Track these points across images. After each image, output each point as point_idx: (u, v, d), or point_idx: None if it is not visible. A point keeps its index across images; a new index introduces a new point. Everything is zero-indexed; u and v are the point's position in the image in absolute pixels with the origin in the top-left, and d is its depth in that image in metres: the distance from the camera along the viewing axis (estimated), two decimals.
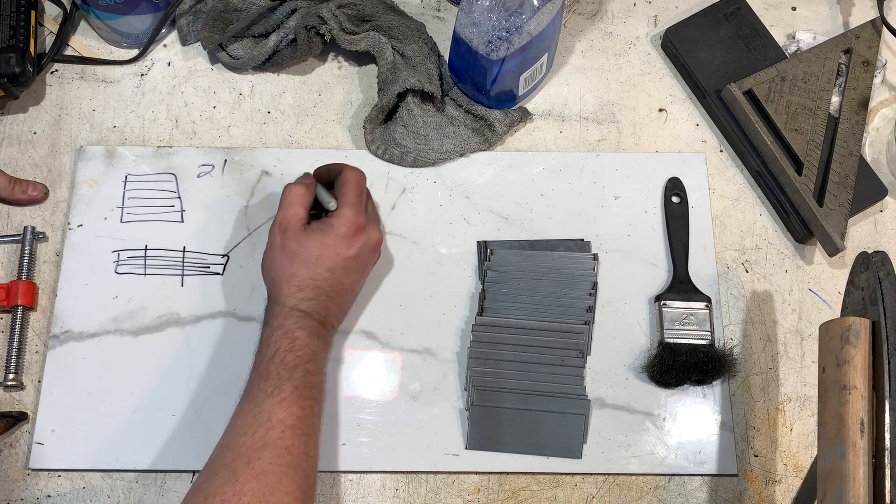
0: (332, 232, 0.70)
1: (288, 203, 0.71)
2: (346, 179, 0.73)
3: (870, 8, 0.90)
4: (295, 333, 0.67)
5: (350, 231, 0.70)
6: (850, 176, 0.80)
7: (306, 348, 0.67)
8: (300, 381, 0.65)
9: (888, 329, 0.55)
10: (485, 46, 0.76)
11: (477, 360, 0.75)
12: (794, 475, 0.73)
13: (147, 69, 0.87)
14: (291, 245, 0.70)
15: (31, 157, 0.83)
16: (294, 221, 0.70)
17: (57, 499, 0.71)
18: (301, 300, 0.68)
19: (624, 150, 0.84)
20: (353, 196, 0.72)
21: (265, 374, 0.65)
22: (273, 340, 0.67)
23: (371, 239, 0.72)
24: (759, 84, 0.82)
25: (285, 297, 0.68)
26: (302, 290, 0.69)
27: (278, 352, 0.66)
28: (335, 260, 0.70)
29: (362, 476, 0.72)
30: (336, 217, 0.71)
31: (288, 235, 0.70)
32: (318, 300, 0.69)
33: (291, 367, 0.65)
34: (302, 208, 0.71)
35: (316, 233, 0.70)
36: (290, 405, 0.64)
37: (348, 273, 0.71)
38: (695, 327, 0.76)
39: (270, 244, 0.71)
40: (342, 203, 0.72)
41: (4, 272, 0.78)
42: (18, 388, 0.74)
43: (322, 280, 0.69)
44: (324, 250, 0.69)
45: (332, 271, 0.70)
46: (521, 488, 0.72)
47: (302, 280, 0.69)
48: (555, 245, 0.79)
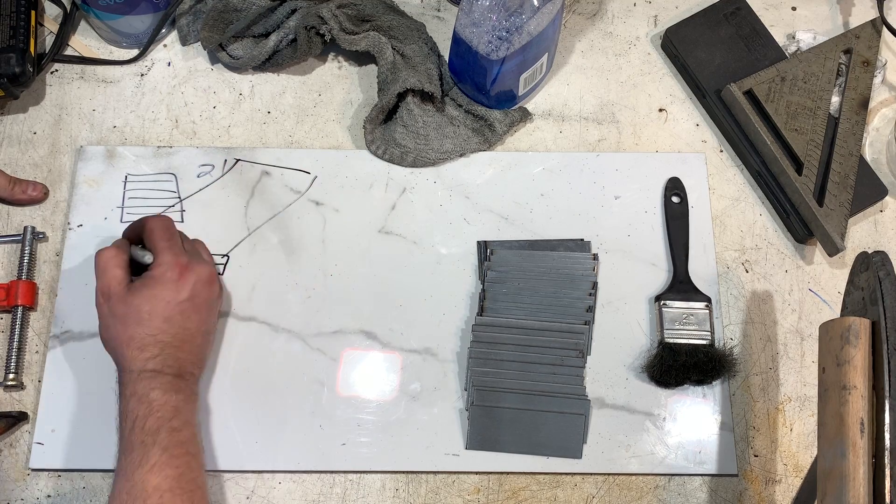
0: (156, 282, 0.67)
1: (102, 269, 0.68)
2: (152, 228, 0.70)
3: (870, 8, 0.90)
4: (150, 396, 0.64)
5: (175, 274, 0.68)
6: (850, 176, 0.80)
7: (165, 407, 0.64)
8: (166, 441, 0.63)
9: (888, 329, 0.55)
10: (485, 46, 0.76)
11: (477, 360, 0.75)
12: (794, 475, 0.73)
13: (147, 69, 0.87)
14: (119, 309, 0.67)
15: (31, 157, 0.83)
16: (114, 284, 0.68)
17: (57, 499, 0.71)
18: (146, 360, 0.66)
19: (624, 150, 0.84)
20: (165, 242, 0.69)
21: (130, 447, 0.63)
22: (129, 410, 0.64)
23: (201, 275, 0.69)
24: (759, 84, 0.82)
25: (130, 362, 0.66)
26: (144, 350, 0.66)
27: (137, 419, 0.63)
28: (168, 309, 0.67)
29: (362, 476, 0.72)
30: (156, 266, 0.68)
31: (113, 301, 0.67)
32: (165, 354, 0.66)
33: (154, 430, 0.63)
34: (119, 269, 0.68)
35: (140, 288, 0.67)
36: (162, 468, 0.61)
37: (188, 317, 0.68)
38: (695, 327, 0.76)
39: (100, 315, 0.68)
40: (156, 252, 0.69)
41: (4, 272, 0.78)
42: (18, 388, 0.74)
43: (162, 333, 0.66)
44: (154, 303, 0.66)
45: (169, 321, 0.67)
46: (521, 488, 0.72)
47: (141, 340, 0.66)
48: (555, 245, 0.79)
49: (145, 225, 0.71)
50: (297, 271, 0.78)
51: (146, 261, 0.70)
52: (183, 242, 0.72)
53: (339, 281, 0.78)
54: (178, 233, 0.72)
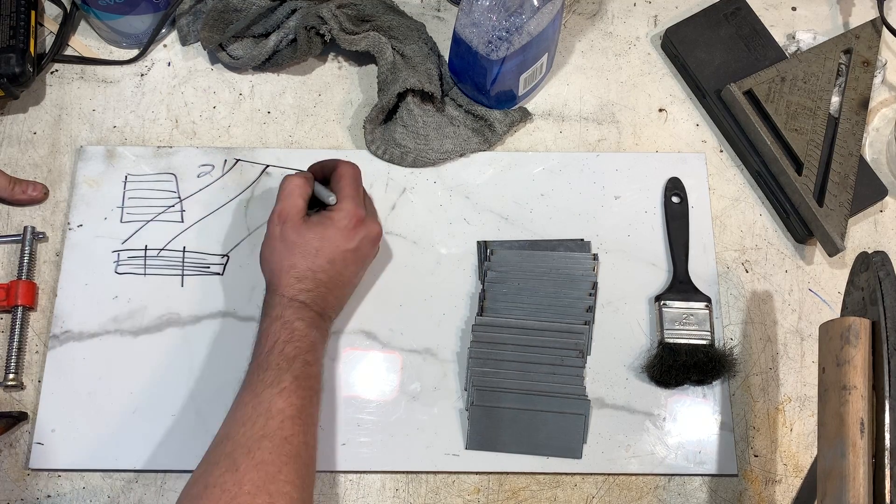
0: (332, 224, 0.70)
1: (287, 194, 0.71)
2: (343, 174, 0.73)
3: (870, 8, 0.90)
4: (294, 324, 0.67)
5: (351, 223, 0.70)
6: (850, 176, 0.80)
7: (305, 339, 0.67)
8: (299, 371, 0.65)
9: (888, 329, 0.55)
10: (485, 46, 0.76)
11: (477, 360, 0.75)
12: (794, 475, 0.73)
13: (147, 69, 0.87)
14: (291, 236, 0.69)
15: (31, 157, 0.83)
16: (294, 212, 0.70)
17: (57, 499, 0.71)
18: (300, 291, 0.68)
19: (624, 150, 0.84)
20: (351, 189, 0.72)
21: (264, 365, 0.65)
22: (272, 331, 0.67)
23: (371, 232, 0.72)
24: (759, 84, 0.82)
25: (284, 288, 0.68)
26: (301, 282, 0.69)
27: (277, 342, 0.66)
28: (335, 252, 0.70)
29: (362, 476, 0.72)
30: (336, 210, 0.71)
31: (287, 226, 0.70)
32: (317, 292, 0.69)
33: (291, 357, 0.65)
34: (301, 199, 0.71)
35: (316, 225, 0.70)
36: (290, 395, 0.63)
37: (348, 265, 0.71)
38: (695, 327, 0.76)
39: (269, 234, 0.71)
40: (341, 197, 0.72)
41: (4, 272, 0.78)
42: (18, 388, 0.74)
43: (322, 272, 0.69)
44: (324, 242, 0.69)
45: (332, 263, 0.70)
46: (521, 488, 0.72)
47: (301, 271, 0.69)
48: (555, 245, 0.79)
49: (336, 168, 0.74)
50: None
51: (330, 201, 0.73)
52: (364, 196, 0.75)
53: None
54: (363, 186, 0.75)
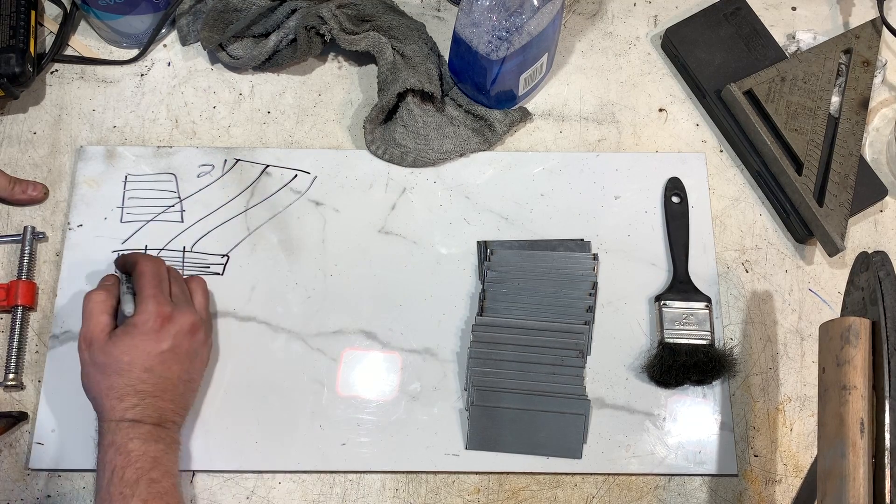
0: (136, 331, 0.67)
1: (89, 313, 0.68)
2: (142, 272, 0.70)
3: (870, 8, 0.90)
4: (128, 446, 0.64)
5: (156, 325, 0.67)
6: (850, 176, 0.80)
7: (144, 457, 0.64)
8: (146, 493, 0.62)
9: (888, 329, 0.55)
10: (485, 46, 0.76)
11: (477, 360, 0.75)
12: (794, 475, 0.73)
13: (147, 69, 0.87)
14: (100, 358, 0.66)
15: (31, 157, 0.83)
16: (97, 332, 0.67)
17: (57, 499, 0.71)
18: (126, 410, 0.65)
19: (624, 150, 0.84)
20: (150, 288, 0.69)
21: (107, 498, 0.62)
22: (108, 460, 0.64)
23: (184, 324, 0.68)
24: (759, 84, 0.82)
25: (109, 412, 0.65)
26: (123, 400, 0.65)
27: (115, 470, 0.63)
28: (149, 359, 0.66)
29: (362, 476, 0.72)
30: (138, 315, 0.68)
31: (94, 348, 0.67)
32: (145, 403, 0.66)
33: (133, 482, 0.62)
34: (105, 315, 0.68)
35: (121, 337, 0.67)
36: None
37: (169, 367, 0.67)
38: (695, 327, 0.76)
39: (81, 361, 0.68)
40: (141, 298, 0.68)
41: (4, 272, 0.78)
42: (18, 388, 0.74)
43: (141, 383, 0.66)
44: (134, 353, 0.66)
45: (150, 371, 0.66)
46: (521, 488, 0.72)
47: (120, 390, 0.65)
48: (555, 245, 0.79)
49: (136, 266, 0.71)
50: (297, 271, 0.78)
51: (127, 312, 0.70)
52: (172, 286, 0.71)
53: (339, 281, 0.78)
54: (168, 277, 0.71)
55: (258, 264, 0.78)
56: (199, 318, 0.70)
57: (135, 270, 0.70)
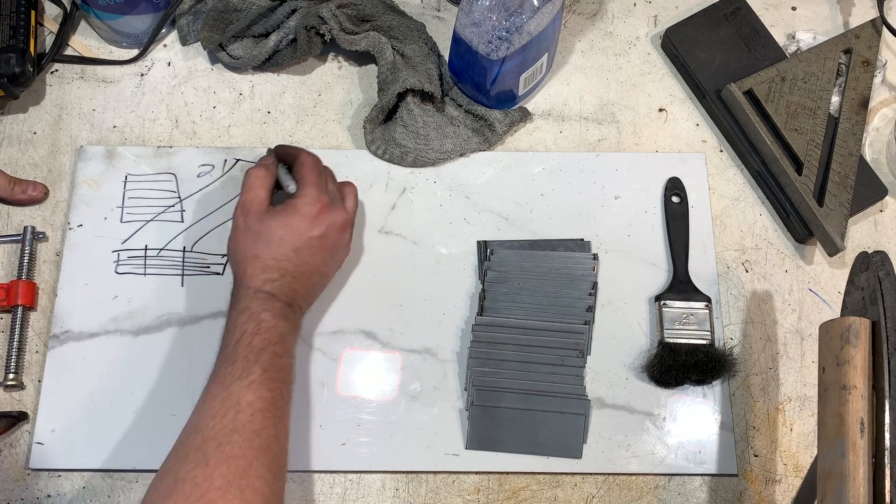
0: (294, 212, 0.69)
1: (249, 186, 0.71)
2: (304, 162, 0.73)
3: (870, 8, 0.90)
4: (261, 315, 0.66)
5: (314, 210, 0.69)
6: (850, 176, 0.80)
7: (273, 330, 0.66)
8: (268, 363, 0.64)
9: (888, 329, 0.55)
10: (485, 46, 0.76)
11: (477, 360, 0.75)
12: (794, 475, 0.73)
13: (147, 69, 0.87)
14: (254, 226, 0.69)
15: (31, 157, 0.83)
16: (256, 203, 0.70)
17: (57, 499, 0.71)
18: (265, 281, 0.68)
19: (624, 150, 0.84)
20: (313, 176, 0.71)
21: (232, 358, 0.64)
22: (239, 323, 0.66)
23: (337, 218, 0.71)
24: (759, 84, 0.82)
25: (249, 279, 0.68)
26: (266, 272, 0.68)
27: (245, 334, 0.65)
28: (299, 240, 0.69)
29: (362, 476, 0.72)
30: (299, 197, 0.70)
31: (250, 217, 0.70)
32: (283, 281, 0.68)
33: (259, 349, 0.64)
34: (263, 190, 0.71)
35: (279, 213, 0.69)
36: (259, 388, 0.63)
37: (314, 253, 0.70)
38: (695, 327, 0.76)
39: (234, 227, 0.71)
40: (302, 184, 0.71)
41: (4, 272, 0.78)
42: (18, 388, 0.74)
43: (286, 260, 0.68)
44: (287, 230, 0.69)
45: (296, 251, 0.69)
46: (521, 488, 0.72)
47: (266, 261, 0.68)
48: (555, 245, 0.79)
49: (297, 157, 0.73)
50: None
51: (290, 189, 0.73)
52: (329, 183, 0.73)
53: (338, 281, 0.78)
54: (326, 172, 0.74)
55: None
56: (350, 217, 0.73)
57: (297, 160, 0.73)
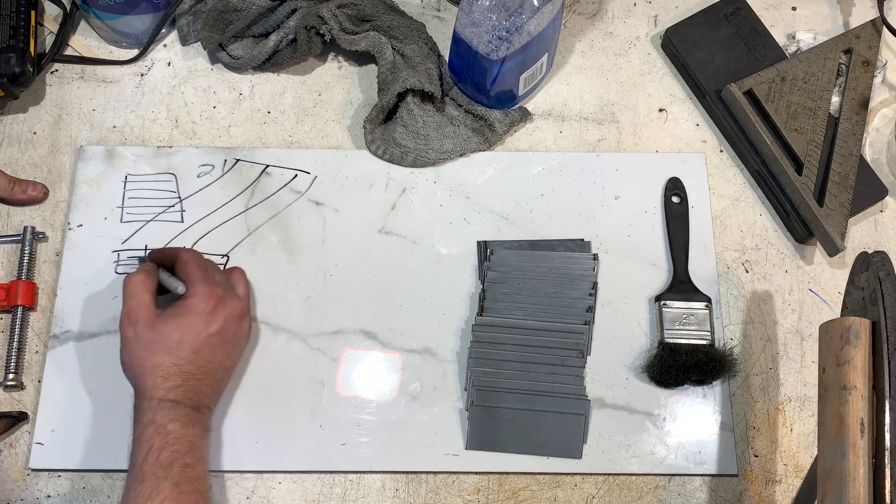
0: (188, 312, 0.67)
1: (131, 292, 0.68)
2: (187, 260, 0.70)
3: (870, 8, 0.90)
4: (167, 427, 0.64)
5: (208, 306, 0.67)
6: (850, 176, 0.80)
7: (181, 441, 0.64)
8: (179, 476, 0.62)
9: (888, 329, 0.55)
10: (485, 46, 0.76)
11: (477, 360, 0.75)
12: (794, 475, 0.73)
13: (147, 69, 0.87)
14: (147, 334, 0.66)
15: (31, 157, 0.83)
16: (142, 310, 0.67)
17: (57, 499, 0.71)
18: (169, 390, 0.65)
19: (624, 150, 0.84)
20: (199, 272, 0.69)
21: (140, 476, 0.62)
22: (145, 439, 0.63)
23: (234, 309, 0.69)
24: (759, 84, 0.82)
25: (151, 390, 0.65)
26: (168, 379, 0.65)
27: (151, 450, 0.63)
28: (198, 340, 0.67)
29: (362, 476, 0.72)
30: (191, 296, 0.68)
31: (140, 326, 0.67)
32: (187, 386, 0.66)
33: (167, 464, 0.62)
34: (147, 295, 0.68)
35: (171, 317, 0.67)
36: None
37: (215, 351, 0.68)
38: (695, 327, 0.76)
39: (124, 339, 0.68)
40: (190, 282, 0.69)
41: (4, 272, 0.78)
42: (18, 388, 0.74)
43: (188, 364, 0.66)
44: (184, 332, 0.66)
45: (196, 353, 0.66)
46: (521, 488, 0.72)
47: (166, 369, 0.65)
48: (555, 245, 0.79)
49: (179, 256, 0.71)
50: (297, 271, 0.78)
51: (178, 291, 0.70)
52: (215, 274, 0.71)
53: (339, 281, 0.78)
54: (210, 264, 0.72)
55: (258, 264, 0.78)
56: (245, 304, 0.72)
57: (178, 260, 0.71)
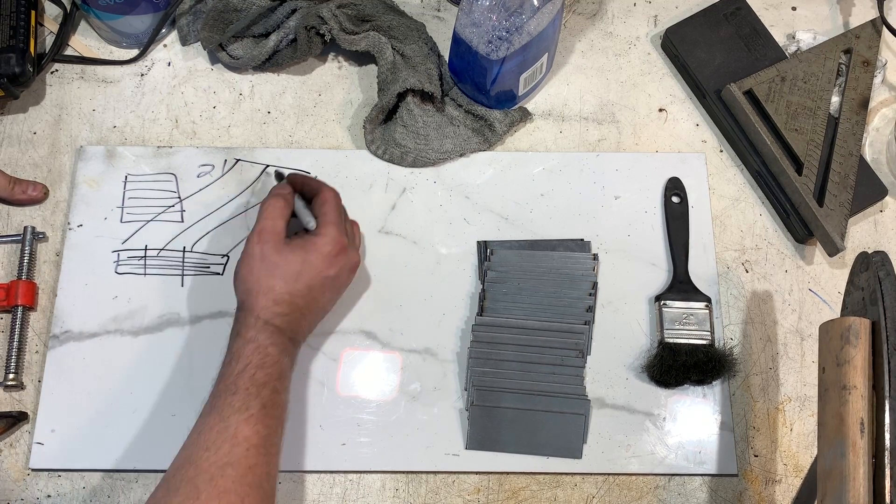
0: (315, 249, 0.69)
1: (267, 215, 0.70)
2: (327, 198, 0.71)
3: (870, 8, 0.90)
4: (268, 349, 0.65)
5: (334, 250, 0.69)
6: (850, 176, 0.80)
7: (276, 365, 0.65)
8: (268, 399, 0.64)
9: (888, 329, 0.55)
10: (485, 46, 0.76)
11: (477, 360, 0.75)
12: (794, 475, 0.73)
13: (147, 69, 0.87)
14: (272, 257, 0.68)
15: (31, 157, 0.83)
16: (274, 234, 0.69)
17: (57, 499, 0.71)
18: (276, 315, 0.67)
19: (624, 150, 0.84)
20: (335, 216, 0.71)
21: (233, 388, 0.63)
22: (245, 353, 0.65)
23: (351, 260, 0.71)
24: (759, 84, 0.82)
25: (261, 310, 0.67)
26: (278, 305, 0.67)
27: (248, 366, 0.64)
28: (316, 278, 0.68)
29: (362, 476, 0.72)
30: (320, 235, 0.69)
31: (268, 246, 0.68)
32: (293, 316, 0.68)
33: (261, 384, 0.64)
34: (281, 220, 0.70)
35: (298, 248, 0.68)
36: (257, 423, 0.62)
37: (325, 292, 0.70)
38: (695, 327, 0.76)
39: (248, 253, 0.69)
40: (324, 222, 0.70)
41: (4, 272, 0.78)
42: (18, 388, 0.74)
43: (299, 297, 0.68)
44: (305, 267, 0.68)
45: (310, 289, 0.68)
46: (521, 488, 0.72)
47: (279, 294, 0.67)
48: (555, 245, 0.79)
49: (320, 192, 0.72)
50: None
51: (310, 226, 0.72)
52: (346, 223, 0.74)
53: None
54: (345, 211, 0.75)
55: None
56: (359, 261, 0.73)
57: (319, 195, 0.72)
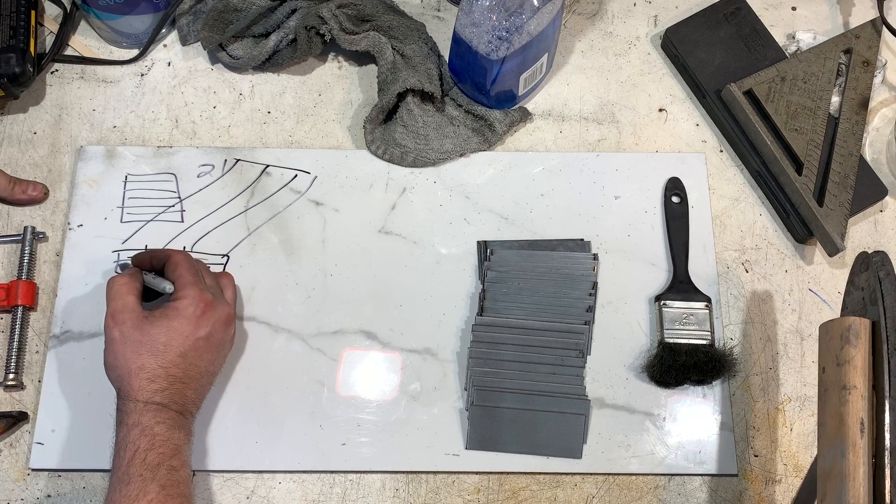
0: (177, 314, 0.66)
1: (114, 295, 0.68)
2: (178, 262, 0.70)
3: (870, 8, 0.90)
4: (154, 429, 0.63)
5: (197, 310, 0.67)
6: (850, 176, 0.80)
7: (168, 443, 0.63)
8: (166, 479, 0.62)
9: (888, 329, 0.55)
10: (485, 46, 0.76)
11: (477, 360, 0.75)
12: (794, 475, 0.73)
13: (147, 69, 0.87)
14: (134, 336, 0.66)
15: (31, 157, 0.83)
16: (129, 311, 0.67)
17: (57, 499, 0.71)
18: (155, 392, 0.64)
19: (624, 150, 0.84)
20: (190, 276, 0.69)
21: (126, 479, 0.61)
22: (130, 440, 0.63)
23: (221, 314, 0.69)
24: (759, 84, 0.82)
25: (137, 392, 0.64)
26: (154, 382, 0.65)
27: (138, 451, 0.62)
28: (185, 343, 0.66)
29: (362, 476, 0.72)
30: (180, 299, 0.67)
31: (126, 326, 0.66)
32: (173, 389, 0.65)
33: (154, 466, 0.62)
34: (132, 297, 0.68)
35: (160, 318, 0.66)
36: None
37: (201, 355, 0.67)
38: (695, 327, 0.76)
39: (109, 340, 0.67)
40: (181, 284, 0.68)
41: (4, 272, 0.78)
42: (18, 388, 0.74)
43: (174, 367, 0.65)
44: (171, 335, 0.66)
45: (183, 356, 0.66)
46: (521, 488, 0.72)
47: (152, 371, 0.65)
48: (555, 245, 0.79)
49: (170, 257, 0.71)
50: (297, 271, 0.78)
51: (167, 290, 0.70)
52: (205, 277, 0.71)
53: (339, 281, 0.78)
54: (200, 266, 0.72)
55: (258, 264, 0.78)
56: (232, 311, 0.71)
57: (169, 261, 0.70)
